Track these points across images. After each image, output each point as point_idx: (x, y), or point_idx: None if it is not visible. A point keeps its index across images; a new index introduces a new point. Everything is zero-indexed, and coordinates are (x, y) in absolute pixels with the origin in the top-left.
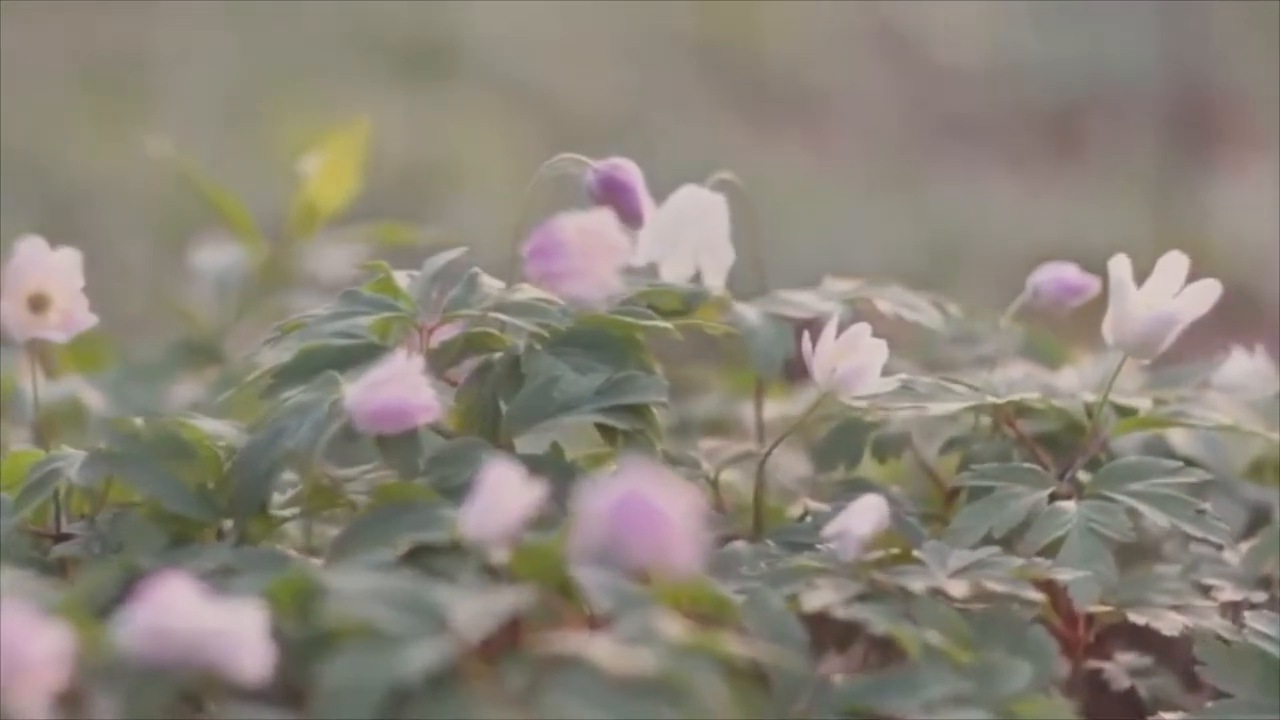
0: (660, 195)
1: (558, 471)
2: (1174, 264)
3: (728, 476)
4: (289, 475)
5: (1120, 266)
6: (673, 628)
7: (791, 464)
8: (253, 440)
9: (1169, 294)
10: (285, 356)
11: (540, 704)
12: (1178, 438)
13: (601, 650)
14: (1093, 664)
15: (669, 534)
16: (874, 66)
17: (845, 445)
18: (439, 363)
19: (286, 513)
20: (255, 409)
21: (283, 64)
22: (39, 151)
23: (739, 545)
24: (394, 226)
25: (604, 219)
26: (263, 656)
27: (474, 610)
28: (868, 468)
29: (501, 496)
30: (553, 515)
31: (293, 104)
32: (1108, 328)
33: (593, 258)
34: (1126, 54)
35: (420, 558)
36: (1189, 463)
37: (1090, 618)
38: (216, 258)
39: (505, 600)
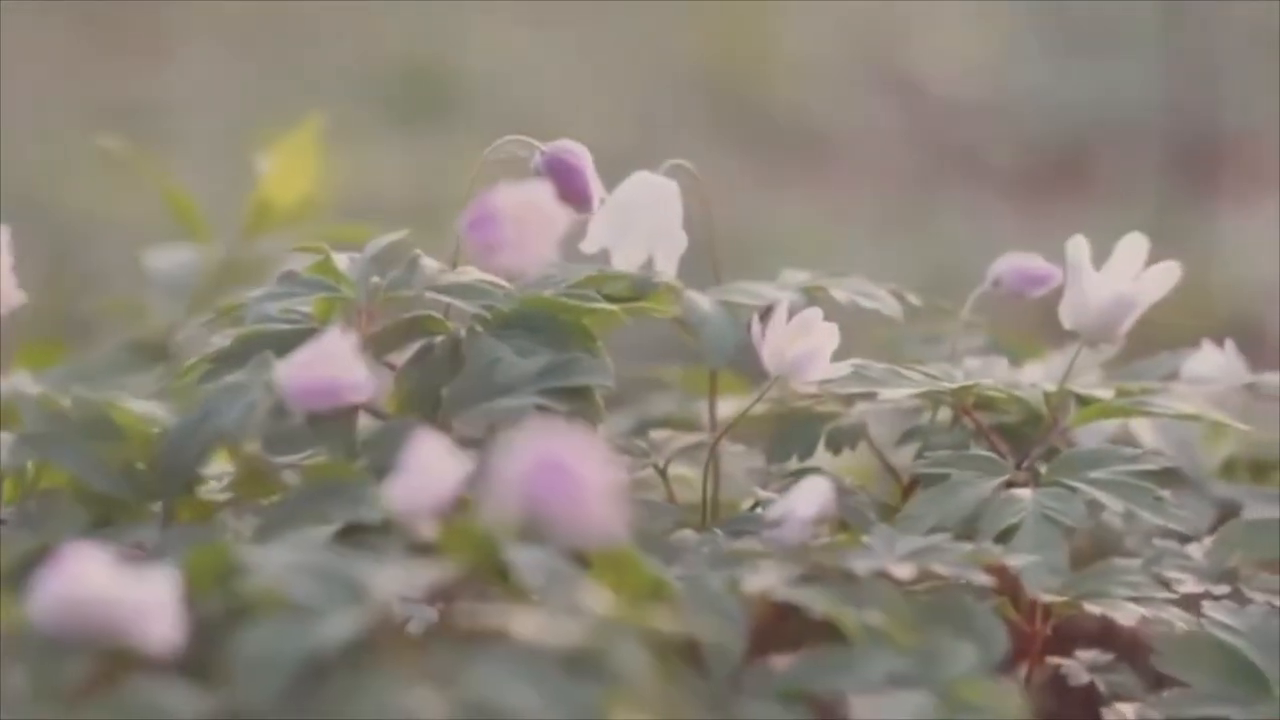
0: None
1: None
2: (1133, 246)
3: (685, 472)
4: (229, 467)
5: (1077, 249)
6: (599, 601)
7: (749, 460)
8: (182, 420)
9: (1128, 277)
10: (224, 342)
11: (462, 678)
12: (1146, 435)
13: (526, 624)
14: (1052, 660)
15: (586, 495)
16: (878, 102)
17: (798, 437)
18: (380, 346)
19: (220, 497)
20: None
21: (287, 105)
22: (44, 188)
23: (687, 534)
24: (352, 226)
25: (541, 191)
26: (172, 627)
27: (392, 582)
28: (831, 464)
29: (430, 471)
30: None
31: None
32: (1065, 311)
33: (529, 229)
34: (1132, 91)
35: (352, 537)
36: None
37: (1048, 610)
38: (171, 258)
39: (425, 573)
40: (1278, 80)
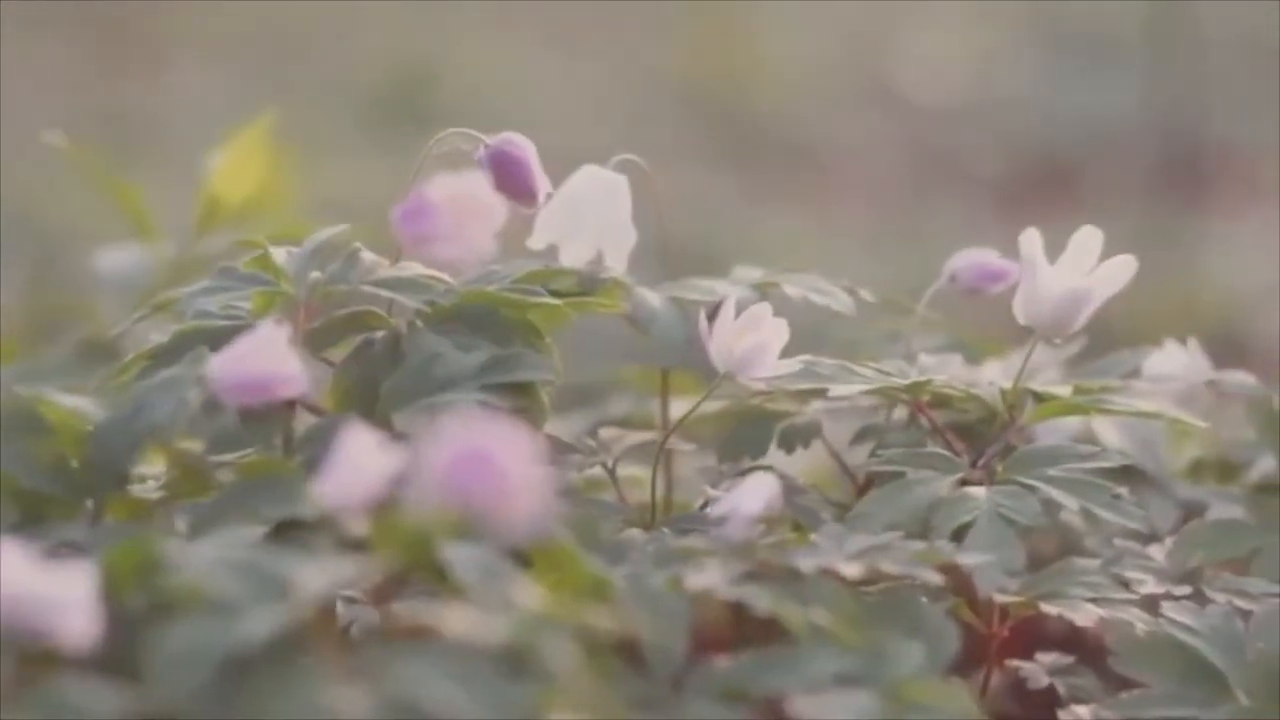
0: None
1: None
2: (1087, 240)
3: (639, 473)
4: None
5: (1030, 242)
6: (531, 598)
7: (704, 460)
8: (113, 415)
9: (1082, 271)
10: (163, 339)
11: (389, 675)
12: (1109, 435)
13: (457, 620)
14: (1013, 663)
15: (510, 486)
16: (868, 114)
17: (750, 436)
18: (319, 342)
19: (154, 496)
20: None
21: (282, 117)
22: (38, 199)
23: (634, 533)
24: (301, 223)
25: (477, 182)
26: (90, 623)
27: (316, 578)
28: (791, 467)
29: (360, 466)
30: None
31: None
32: (1019, 305)
33: (464, 221)
34: (1120, 101)
35: (288, 534)
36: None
37: (1005, 612)
38: (120, 258)
39: (353, 569)
40: (1265, 91)
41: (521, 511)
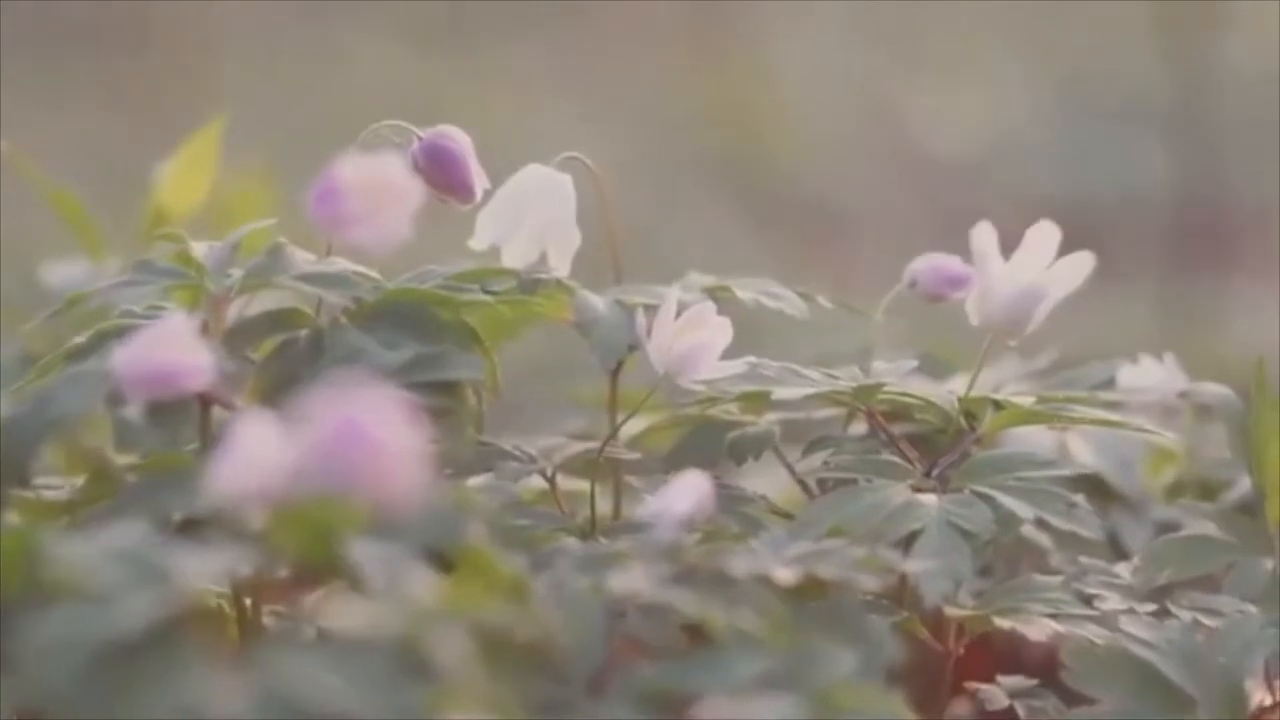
0: None
1: None
2: (1043, 235)
3: (585, 486)
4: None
5: (984, 237)
6: (427, 592)
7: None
8: (18, 410)
9: (1038, 267)
10: (81, 338)
11: (268, 665)
12: (1086, 455)
13: (349, 614)
14: (971, 685)
15: (385, 461)
16: (885, 171)
17: (699, 446)
18: (242, 339)
19: (63, 498)
20: None
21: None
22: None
23: (568, 541)
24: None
25: (391, 163)
26: None
27: (199, 567)
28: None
29: (255, 454)
30: None
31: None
32: (972, 305)
33: (378, 202)
34: (1144, 162)
35: (192, 530)
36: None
37: (961, 628)
38: (65, 271)
39: (232, 556)
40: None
41: (398, 484)
